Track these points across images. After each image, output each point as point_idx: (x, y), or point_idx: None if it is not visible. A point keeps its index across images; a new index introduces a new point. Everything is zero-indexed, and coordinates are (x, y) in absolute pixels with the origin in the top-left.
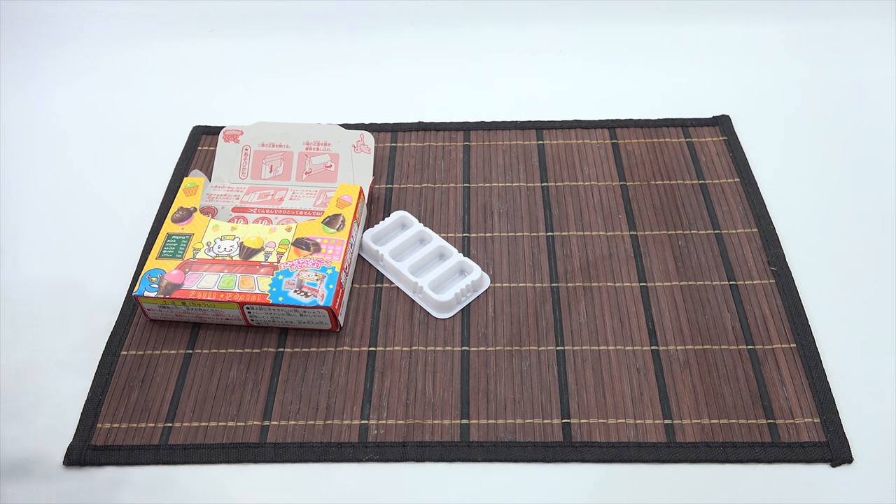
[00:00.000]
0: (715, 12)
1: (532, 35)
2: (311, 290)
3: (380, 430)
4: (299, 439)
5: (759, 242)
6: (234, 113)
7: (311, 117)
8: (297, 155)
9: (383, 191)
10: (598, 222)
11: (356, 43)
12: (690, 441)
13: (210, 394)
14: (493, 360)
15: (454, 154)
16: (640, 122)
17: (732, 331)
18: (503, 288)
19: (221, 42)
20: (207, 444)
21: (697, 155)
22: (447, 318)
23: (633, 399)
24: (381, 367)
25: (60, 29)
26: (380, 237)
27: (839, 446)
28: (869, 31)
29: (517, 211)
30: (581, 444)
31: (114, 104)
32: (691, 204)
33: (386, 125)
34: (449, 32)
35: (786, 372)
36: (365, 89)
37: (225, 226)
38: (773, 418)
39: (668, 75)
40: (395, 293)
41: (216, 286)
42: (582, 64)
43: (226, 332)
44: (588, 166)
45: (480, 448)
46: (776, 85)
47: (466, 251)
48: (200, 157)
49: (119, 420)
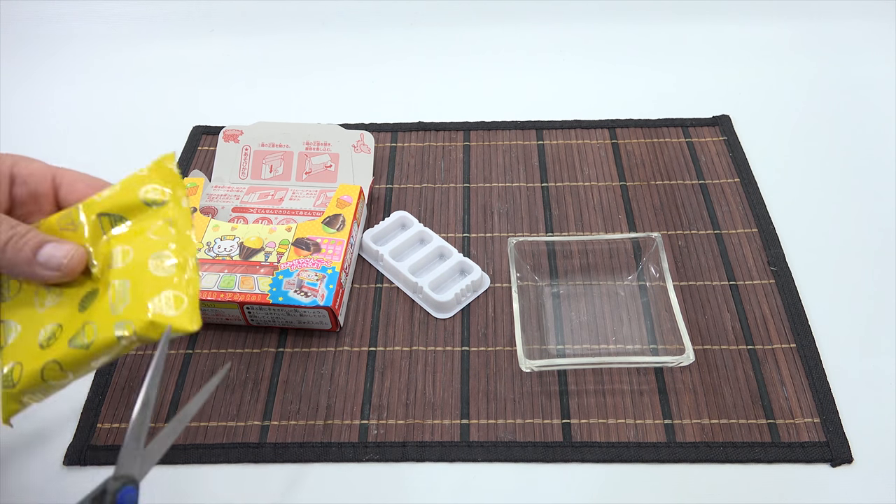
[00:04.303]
0: (715, 12)
1: (532, 35)
2: (311, 290)
3: (380, 430)
4: (299, 439)
5: (759, 242)
6: (234, 113)
7: (311, 117)
8: (297, 155)
9: (383, 191)
10: (598, 222)
11: (356, 43)
12: (690, 441)
13: (210, 394)
14: (493, 360)
15: (454, 154)
16: (640, 122)
17: (732, 331)
18: (503, 288)
19: (222, 42)
20: (207, 444)
21: (697, 155)
22: (447, 318)
23: (633, 399)
24: (381, 367)
25: (60, 29)
26: (380, 237)
27: (839, 446)
28: (869, 31)
29: (517, 211)
30: (581, 444)
31: (114, 104)
32: (691, 204)
33: (386, 125)
34: (449, 32)
35: (786, 372)
36: (365, 89)
37: (225, 226)
38: (773, 418)
39: (668, 75)
40: (395, 293)
41: (216, 286)
42: (582, 64)
43: (226, 332)
44: (588, 166)
45: (480, 448)
46: (776, 85)
47: (466, 251)
48: (200, 157)
49: (119, 420)
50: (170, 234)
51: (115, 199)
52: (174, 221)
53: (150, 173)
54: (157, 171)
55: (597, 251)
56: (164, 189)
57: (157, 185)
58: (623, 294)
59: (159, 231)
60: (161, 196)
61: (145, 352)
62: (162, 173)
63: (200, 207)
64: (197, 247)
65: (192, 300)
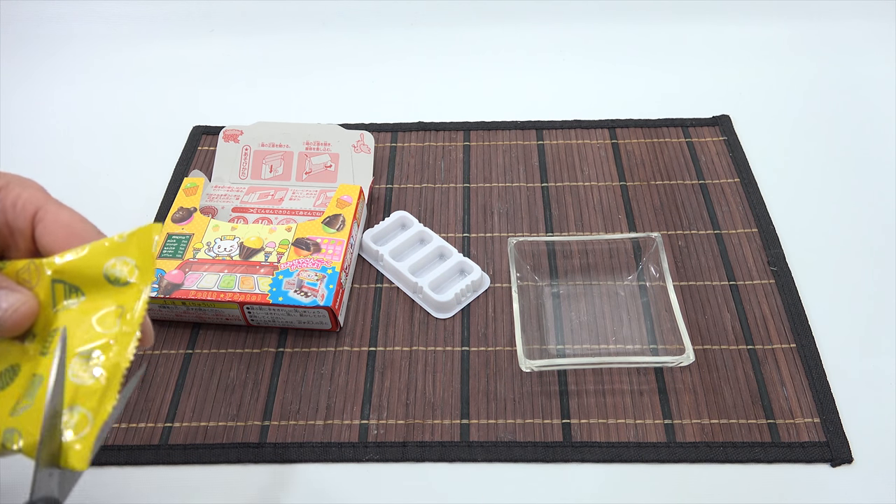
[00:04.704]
0: (715, 12)
1: (532, 35)
2: (311, 290)
3: (380, 430)
4: (299, 439)
5: (759, 242)
6: (234, 113)
7: (311, 117)
8: (297, 155)
9: (383, 191)
10: (598, 222)
11: (356, 43)
12: (690, 441)
13: (210, 394)
14: (493, 360)
15: (454, 154)
16: (640, 122)
17: (732, 331)
18: (503, 288)
19: (222, 42)
20: (207, 444)
21: (697, 155)
22: (447, 318)
23: (633, 399)
24: (381, 367)
25: (60, 29)
26: (380, 237)
27: (839, 446)
28: (869, 31)
29: (517, 211)
30: (581, 444)
31: (114, 104)
32: (691, 204)
33: (386, 125)
34: (449, 32)
35: (786, 372)
36: (365, 89)
37: (225, 226)
38: (773, 418)
39: (668, 75)
40: (395, 293)
41: (216, 286)
42: (582, 64)
43: (226, 332)
44: (588, 166)
45: (480, 448)
46: (776, 85)
47: (466, 251)
48: (200, 157)
49: (119, 420)
50: (114, 328)
51: (78, 264)
52: (125, 313)
53: (127, 242)
54: (135, 242)
55: (597, 251)
56: (134, 267)
57: (130, 258)
58: (623, 294)
59: (104, 320)
60: (127, 275)
61: (145, 352)
62: (140, 246)
63: (200, 207)
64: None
65: (95, 429)
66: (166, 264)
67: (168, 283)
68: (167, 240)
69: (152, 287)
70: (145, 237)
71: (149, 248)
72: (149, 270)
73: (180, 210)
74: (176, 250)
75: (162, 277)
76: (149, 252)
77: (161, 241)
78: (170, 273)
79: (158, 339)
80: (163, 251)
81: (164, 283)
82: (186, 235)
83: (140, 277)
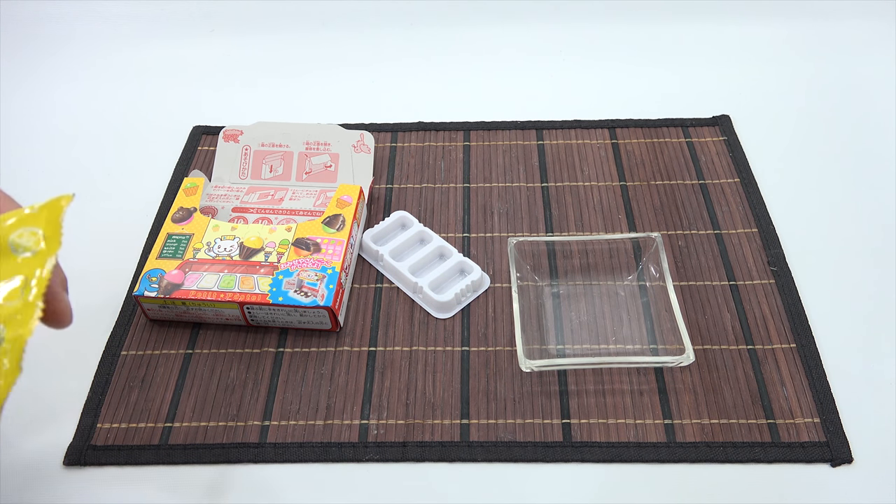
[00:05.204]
0: (715, 12)
1: (532, 35)
2: (311, 290)
3: (380, 430)
4: (299, 439)
5: (759, 242)
6: (234, 113)
7: (311, 117)
8: (297, 155)
9: (383, 191)
10: (598, 222)
11: (356, 43)
12: (690, 441)
13: (210, 394)
14: (493, 360)
15: (454, 154)
16: (640, 122)
17: (732, 331)
18: (503, 288)
19: (222, 42)
20: (207, 444)
21: (697, 155)
22: (447, 318)
23: (633, 399)
24: (381, 367)
25: (60, 29)
26: (380, 237)
27: (839, 446)
28: (869, 31)
29: (517, 211)
30: (581, 444)
31: (114, 104)
32: (691, 204)
33: (386, 125)
34: (449, 32)
35: (786, 372)
36: (365, 89)
37: (225, 226)
38: (773, 418)
39: (668, 75)
40: (395, 293)
41: (216, 286)
42: (582, 64)
43: (226, 332)
44: (588, 166)
45: (480, 448)
46: (776, 85)
47: (466, 251)
48: (200, 157)
49: (119, 420)
50: (18, 302)
51: None
52: (30, 285)
53: (38, 213)
54: (45, 213)
55: (597, 251)
56: (41, 238)
57: (38, 228)
58: (623, 294)
59: (9, 295)
60: (34, 243)
61: (145, 352)
62: (50, 217)
63: (200, 207)
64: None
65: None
66: (166, 264)
67: (168, 283)
68: (167, 240)
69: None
70: (55, 208)
71: (58, 218)
72: (55, 240)
73: (180, 210)
74: (176, 250)
75: (162, 277)
76: (57, 222)
77: (161, 241)
78: (170, 273)
79: (158, 339)
80: (163, 251)
81: (164, 283)
82: (186, 235)
83: (47, 245)
